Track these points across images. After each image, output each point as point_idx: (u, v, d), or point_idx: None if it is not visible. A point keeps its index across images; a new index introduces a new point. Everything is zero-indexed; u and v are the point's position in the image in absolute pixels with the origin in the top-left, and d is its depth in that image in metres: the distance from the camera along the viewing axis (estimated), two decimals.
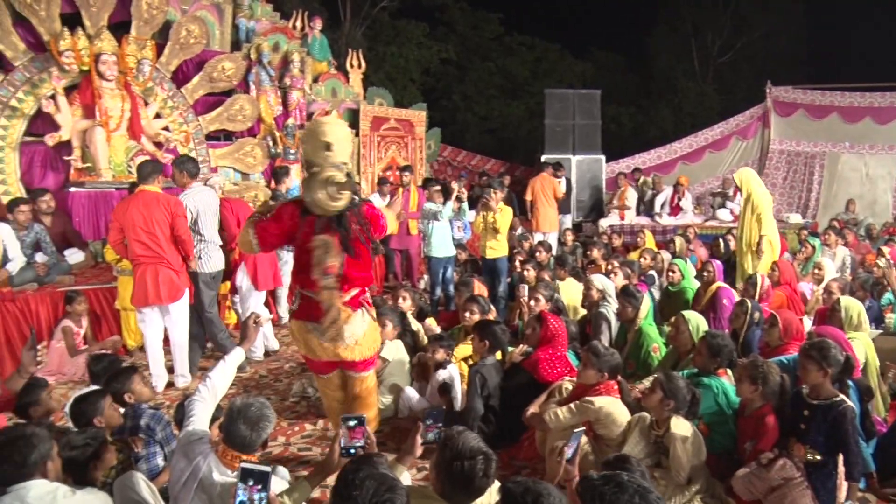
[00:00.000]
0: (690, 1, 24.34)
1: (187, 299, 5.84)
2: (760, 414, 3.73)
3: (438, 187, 8.04)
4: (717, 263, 6.78)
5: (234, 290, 6.87)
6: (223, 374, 3.34)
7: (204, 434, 2.98)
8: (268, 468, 2.46)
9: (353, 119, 11.79)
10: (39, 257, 6.81)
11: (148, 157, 7.92)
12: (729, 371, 4.24)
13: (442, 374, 4.98)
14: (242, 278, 6.64)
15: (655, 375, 3.96)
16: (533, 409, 4.30)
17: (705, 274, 6.53)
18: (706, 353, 4.22)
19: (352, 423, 2.82)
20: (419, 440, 2.89)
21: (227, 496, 2.68)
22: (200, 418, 3.06)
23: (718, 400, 4.03)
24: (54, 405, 3.68)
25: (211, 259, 6.07)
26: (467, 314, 5.61)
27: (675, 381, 3.69)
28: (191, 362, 6.05)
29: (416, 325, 5.97)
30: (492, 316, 5.76)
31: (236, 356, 3.48)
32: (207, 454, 2.83)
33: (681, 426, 3.58)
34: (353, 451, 2.80)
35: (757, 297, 5.84)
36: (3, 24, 7.51)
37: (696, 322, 4.76)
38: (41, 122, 7.97)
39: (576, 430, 2.85)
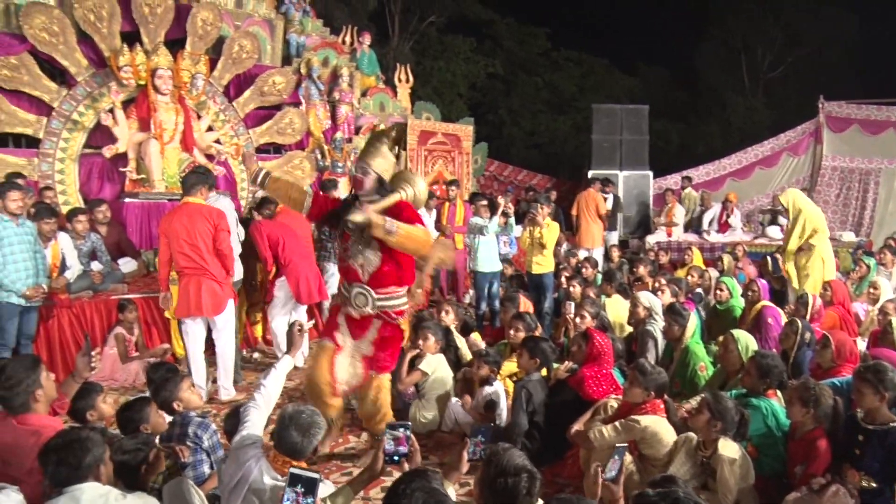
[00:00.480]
0: (740, 15, 24.02)
1: (232, 310, 5.92)
2: (812, 437, 3.64)
3: (485, 202, 8.04)
4: (763, 282, 6.65)
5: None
6: (275, 382, 3.42)
7: (257, 439, 3.03)
8: (316, 475, 2.49)
9: (401, 133, 11.85)
10: (95, 266, 7.00)
11: (193, 169, 8.10)
12: (779, 392, 4.14)
13: (487, 391, 4.97)
14: (280, 289, 6.71)
15: (703, 395, 3.89)
16: (577, 426, 4.26)
17: (750, 293, 6.41)
18: (756, 373, 4.13)
19: (398, 430, 2.83)
20: (466, 456, 2.88)
21: (276, 500, 2.72)
22: (255, 424, 3.13)
23: (768, 421, 3.94)
24: (108, 410, 3.76)
25: None
26: (512, 331, 5.59)
27: (723, 402, 3.61)
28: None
29: (460, 340, 5.97)
30: (537, 332, 5.74)
31: (286, 364, 3.55)
32: (259, 458, 2.89)
33: (729, 448, 3.51)
34: (397, 458, 2.80)
35: (808, 316, 5.71)
36: (69, 42, 7.77)
37: (746, 341, 4.66)
38: (99, 135, 8.20)
39: (618, 447, 2.81)
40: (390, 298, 4.34)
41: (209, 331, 5.92)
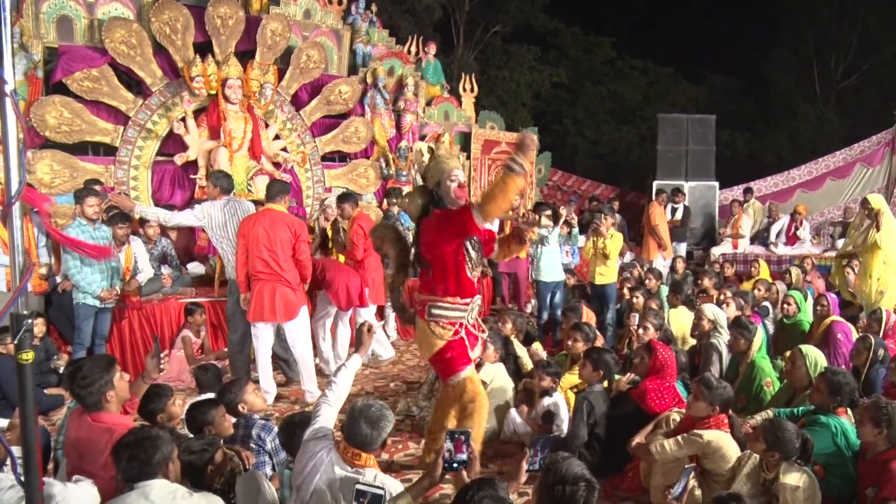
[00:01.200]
0: (813, 21, 23.26)
1: (307, 316, 6.04)
2: (885, 459, 3.49)
3: (549, 211, 8.02)
4: (833, 297, 6.46)
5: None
6: (346, 380, 3.48)
7: (328, 432, 3.10)
8: (381, 491, 2.53)
9: (465, 142, 11.93)
10: (165, 269, 7.23)
11: (273, 178, 8.28)
12: (849, 411, 4.01)
13: (547, 402, 4.94)
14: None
15: (762, 422, 3.78)
16: (639, 439, 4.21)
17: (819, 308, 6.24)
18: (826, 390, 4.00)
19: (457, 437, 2.83)
20: (525, 466, 2.88)
21: (345, 489, 2.80)
22: (326, 418, 3.20)
23: (837, 441, 3.81)
24: (178, 412, 3.87)
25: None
26: (570, 342, 5.55)
27: (781, 431, 3.48)
28: (240, 370, 6.22)
29: (520, 349, 5.95)
30: (599, 343, 5.69)
31: (355, 363, 3.61)
32: (330, 450, 2.96)
33: (791, 476, 3.39)
34: (456, 465, 2.81)
35: (881, 333, 5.52)
36: (146, 54, 8.04)
37: (815, 357, 4.54)
38: (171, 143, 8.44)
39: (686, 467, 2.77)
40: None
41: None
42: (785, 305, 6.58)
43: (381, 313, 7.87)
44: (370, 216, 7.44)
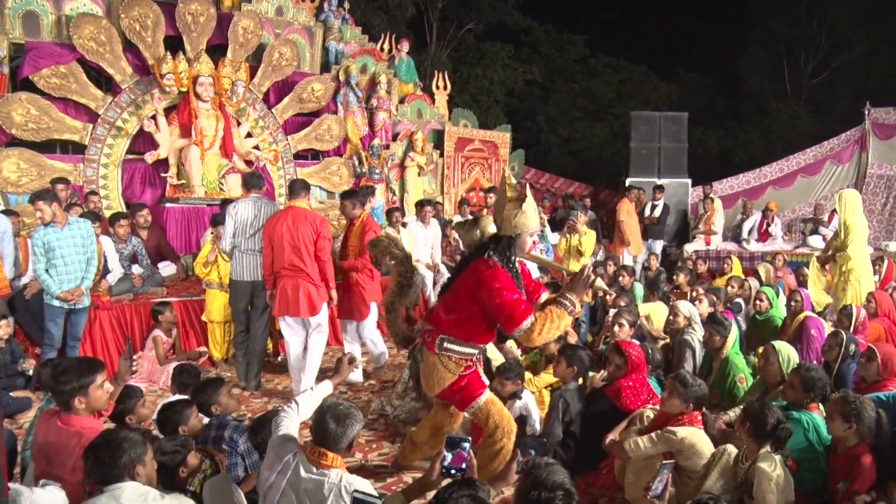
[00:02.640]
0: (784, 20, 23.54)
1: (326, 313, 6.06)
2: (855, 453, 3.53)
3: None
4: (806, 292, 6.53)
5: None
6: (308, 403, 3.42)
7: (294, 438, 3.08)
8: (378, 500, 2.51)
9: (438, 140, 11.93)
10: (136, 269, 7.15)
11: (244, 172, 8.24)
12: (821, 406, 4.05)
13: (518, 405, 4.92)
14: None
15: (745, 404, 3.81)
16: (613, 436, 4.23)
17: (793, 303, 6.29)
18: (799, 386, 4.03)
19: (458, 445, 2.81)
20: (514, 468, 2.86)
21: (310, 491, 2.78)
22: (289, 427, 3.16)
23: (809, 436, 3.84)
24: (147, 413, 3.83)
25: (240, 267, 6.23)
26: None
27: (766, 415, 3.53)
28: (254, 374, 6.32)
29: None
30: (571, 340, 5.70)
31: (324, 389, 3.56)
32: (297, 453, 2.94)
33: (767, 463, 3.44)
34: (454, 471, 2.79)
35: (852, 328, 5.59)
36: (115, 51, 7.96)
37: (787, 353, 4.58)
38: (142, 141, 8.38)
39: (664, 462, 2.78)
40: None
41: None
42: (757, 301, 6.63)
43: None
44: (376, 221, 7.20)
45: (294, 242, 5.72)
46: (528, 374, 5.33)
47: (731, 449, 3.71)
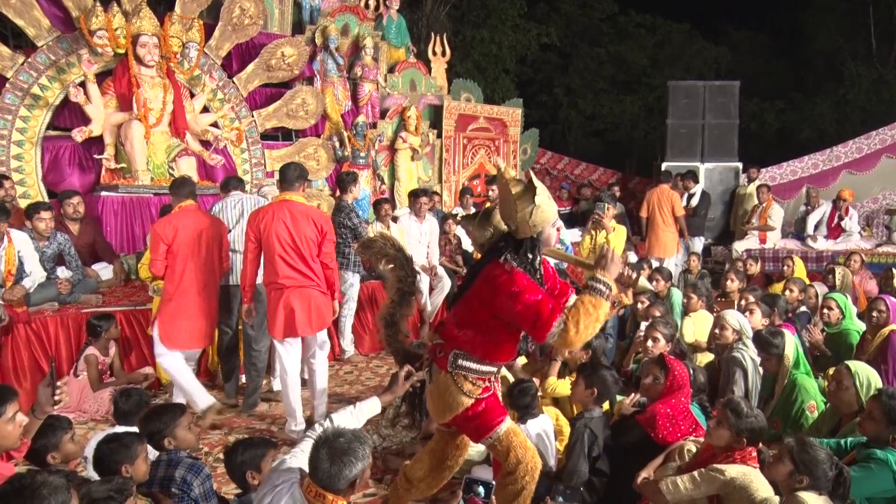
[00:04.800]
0: None
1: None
2: None
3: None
4: (892, 300, 6.44)
5: None
6: (347, 421, 3.45)
7: (297, 469, 3.07)
8: None
9: (435, 117, 11.92)
10: (62, 272, 7.00)
11: (200, 158, 8.19)
12: None
13: (532, 432, 4.88)
14: None
15: (786, 441, 3.76)
16: (646, 473, 4.19)
17: (875, 314, 6.20)
18: (881, 417, 3.95)
19: (479, 493, 2.81)
20: None
21: None
22: (305, 456, 3.13)
23: None
24: (75, 449, 3.78)
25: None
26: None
27: (812, 452, 3.46)
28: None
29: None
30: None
31: (370, 408, 3.62)
32: (292, 484, 2.96)
33: (814, 499, 3.36)
34: None
35: None
36: None
37: (866, 375, 4.51)
38: (68, 114, 8.27)
39: None
40: None
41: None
42: (825, 311, 6.56)
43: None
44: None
45: (295, 245, 5.57)
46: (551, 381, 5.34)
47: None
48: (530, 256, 3.67)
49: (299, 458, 3.15)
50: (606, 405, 4.84)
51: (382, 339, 4.42)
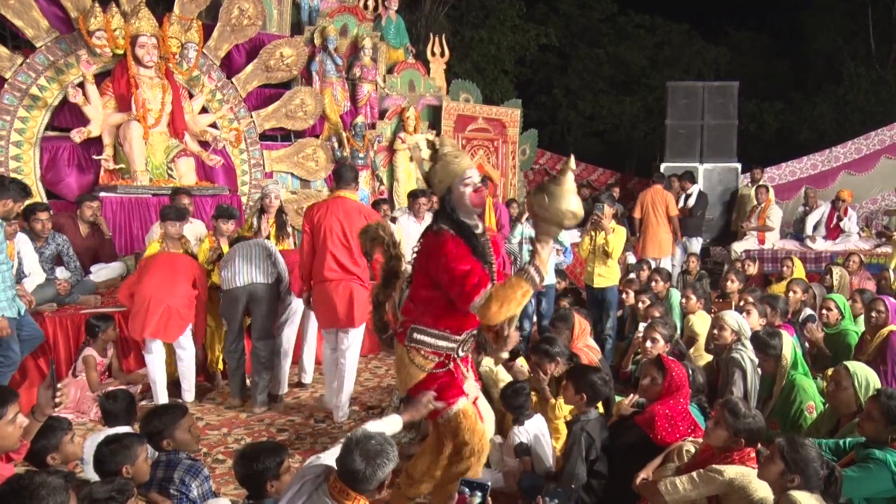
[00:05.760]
0: None
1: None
2: None
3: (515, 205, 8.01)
4: (891, 301, 6.45)
5: None
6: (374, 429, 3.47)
7: (327, 467, 3.13)
8: None
9: (434, 118, 11.92)
10: (60, 273, 7.01)
11: (199, 159, 8.17)
12: None
13: (523, 435, 4.89)
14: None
15: (776, 441, 3.76)
16: (645, 474, 4.19)
17: (874, 314, 6.21)
18: (879, 418, 3.94)
19: (475, 495, 2.82)
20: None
21: None
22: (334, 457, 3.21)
23: None
24: (75, 450, 3.78)
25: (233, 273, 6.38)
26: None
27: (803, 451, 3.46)
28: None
29: (503, 373, 5.87)
30: (595, 357, 5.68)
31: (393, 423, 3.68)
32: (320, 483, 3.03)
33: (807, 499, 3.35)
34: None
35: None
36: None
37: (865, 376, 4.51)
38: (67, 114, 8.28)
39: None
40: None
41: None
42: (824, 311, 6.57)
43: None
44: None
45: (346, 241, 5.76)
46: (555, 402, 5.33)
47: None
48: (454, 217, 3.81)
49: (329, 456, 3.23)
50: (601, 406, 4.84)
51: (370, 323, 4.55)
